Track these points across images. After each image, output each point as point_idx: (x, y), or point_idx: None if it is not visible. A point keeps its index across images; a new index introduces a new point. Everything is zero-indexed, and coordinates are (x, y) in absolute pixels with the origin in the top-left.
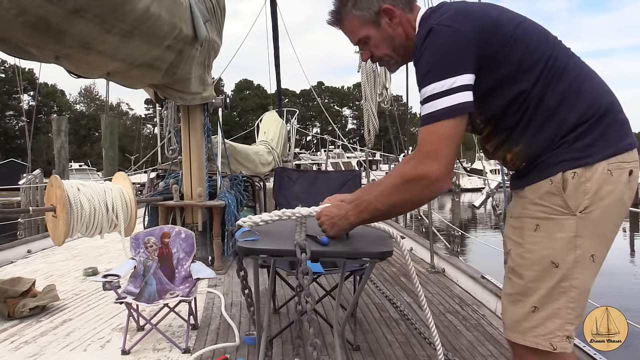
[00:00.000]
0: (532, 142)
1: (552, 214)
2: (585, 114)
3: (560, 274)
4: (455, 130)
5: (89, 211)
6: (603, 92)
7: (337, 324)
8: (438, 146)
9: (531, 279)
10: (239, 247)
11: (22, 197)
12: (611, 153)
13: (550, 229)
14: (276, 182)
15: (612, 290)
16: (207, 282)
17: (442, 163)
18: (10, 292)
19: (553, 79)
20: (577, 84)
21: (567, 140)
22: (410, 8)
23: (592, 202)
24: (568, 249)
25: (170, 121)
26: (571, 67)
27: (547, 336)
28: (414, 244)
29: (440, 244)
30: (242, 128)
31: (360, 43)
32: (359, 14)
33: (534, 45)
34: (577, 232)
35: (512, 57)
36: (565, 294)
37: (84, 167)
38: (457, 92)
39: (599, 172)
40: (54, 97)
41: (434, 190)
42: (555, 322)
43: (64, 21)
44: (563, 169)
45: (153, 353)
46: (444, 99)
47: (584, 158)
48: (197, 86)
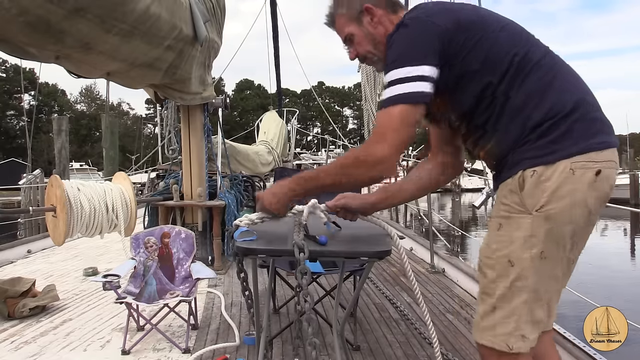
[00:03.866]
0: (501, 140)
1: (512, 212)
2: (550, 111)
3: (515, 273)
4: (406, 116)
5: (89, 211)
6: (573, 90)
7: (337, 323)
8: (386, 129)
9: (492, 279)
10: (238, 247)
11: (23, 197)
12: (575, 151)
13: (510, 228)
14: (276, 182)
15: (612, 290)
16: (207, 282)
17: (388, 146)
18: (10, 292)
19: (520, 76)
20: (545, 81)
21: (531, 138)
22: (393, 10)
23: (549, 200)
24: (524, 248)
25: (170, 121)
26: (542, 64)
27: (503, 336)
28: (414, 244)
29: (440, 244)
30: (242, 128)
31: (346, 41)
32: (344, 12)
33: (502, 42)
34: (532, 231)
35: (478, 53)
36: (520, 294)
37: (85, 166)
38: (413, 81)
39: (559, 171)
40: (55, 96)
41: (377, 172)
42: (512, 322)
43: (64, 21)
44: (523, 167)
45: (153, 353)
46: (399, 86)
47: (545, 156)
48: (197, 86)
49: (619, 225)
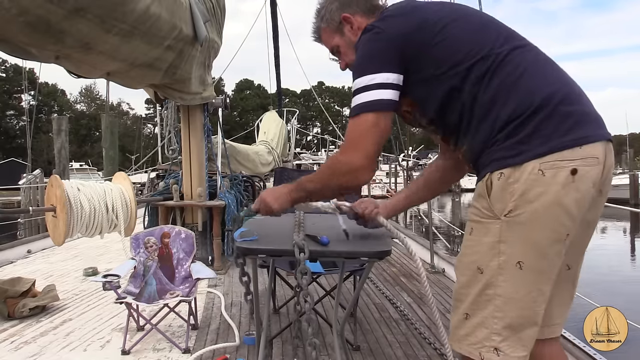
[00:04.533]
0: (472, 142)
1: (482, 217)
2: (516, 109)
3: (484, 280)
4: (375, 124)
5: (89, 211)
6: (544, 84)
7: (337, 323)
8: (358, 138)
9: (462, 284)
10: (238, 247)
11: (22, 197)
12: (545, 151)
13: (479, 233)
14: (276, 182)
15: (612, 290)
16: (207, 282)
17: (361, 154)
18: (10, 292)
19: (487, 74)
20: (513, 77)
21: (499, 138)
22: (373, 14)
23: (518, 205)
24: (492, 255)
25: (170, 121)
26: (511, 58)
27: (476, 345)
28: (414, 244)
29: (440, 244)
30: (242, 128)
31: (334, 53)
32: (326, 26)
33: (465, 40)
34: (501, 237)
35: (438, 55)
36: (491, 302)
37: (85, 166)
38: (376, 89)
39: (527, 172)
40: (55, 96)
41: (355, 179)
42: (483, 332)
43: (64, 21)
44: (491, 170)
45: (153, 353)
46: (364, 94)
47: (512, 157)
48: (197, 86)
49: (619, 225)
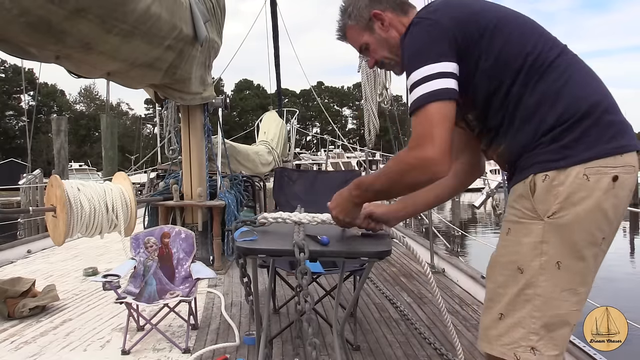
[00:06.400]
0: (512, 143)
1: (522, 217)
2: (563, 114)
3: (524, 280)
4: (442, 112)
5: (89, 211)
6: (588, 92)
7: (337, 323)
8: (429, 129)
9: (500, 284)
10: (238, 247)
11: (22, 197)
12: (589, 157)
13: (519, 233)
14: (276, 182)
15: (612, 290)
16: (207, 282)
17: (435, 144)
18: (10, 292)
19: (534, 77)
20: (559, 83)
21: (543, 141)
22: (403, 11)
23: (563, 207)
24: (533, 255)
25: (170, 121)
26: (557, 64)
27: (511, 345)
28: (414, 244)
29: (440, 244)
30: (242, 128)
31: (362, 51)
32: (354, 24)
33: (514, 40)
34: (544, 237)
35: (490, 50)
36: (530, 302)
37: (84, 167)
38: (438, 78)
39: (572, 176)
40: (54, 97)
41: (431, 174)
42: (520, 331)
43: (65, 21)
44: (535, 171)
45: (153, 353)
46: (426, 85)
47: (558, 161)
48: (197, 86)
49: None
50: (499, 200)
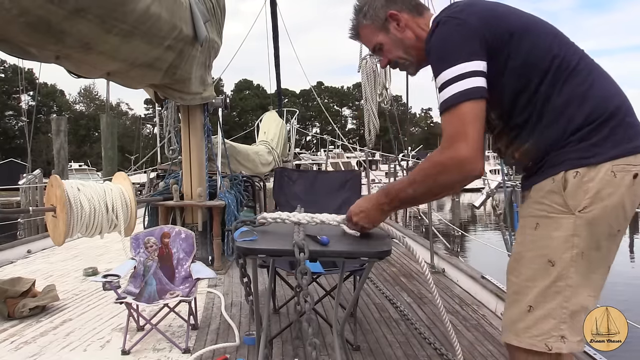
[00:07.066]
0: (539, 141)
1: (552, 212)
2: (591, 114)
3: (556, 273)
4: (474, 111)
5: (89, 211)
6: (612, 94)
7: (337, 323)
8: (460, 127)
9: (528, 278)
10: (238, 247)
11: (22, 197)
12: (616, 154)
13: (549, 227)
14: (276, 182)
15: (612, 290)
16: (207, 282)
17: (469, 143)
18: (10, 292)
19: (560, 79)
20: (584, 87)
21: (572, 140)
22: (418, 12)
23: (592, 202)
24: (565, 248)
25: (170, 121)
26: (580, 67)
27: (541, 337)
28: (414, 244)
29: (440, 244)
30: (242, 128)
31: (376, 50)
32: (369, 23)
33: (541, 42)
34: (575, 231)
35: (519, 50)
36: (561, 294)
37: (84, 167)
38: (469, 77)
39: (602, 173)
40: (54, 97)
41: (466, 173)
42: (550, 322)
43: (64, 21)
44: (565, 168)
45: (153, 353)
46: (457, 84)
47: (588, 158)
48: (197, 86)
49: None
50: (498, 200)
